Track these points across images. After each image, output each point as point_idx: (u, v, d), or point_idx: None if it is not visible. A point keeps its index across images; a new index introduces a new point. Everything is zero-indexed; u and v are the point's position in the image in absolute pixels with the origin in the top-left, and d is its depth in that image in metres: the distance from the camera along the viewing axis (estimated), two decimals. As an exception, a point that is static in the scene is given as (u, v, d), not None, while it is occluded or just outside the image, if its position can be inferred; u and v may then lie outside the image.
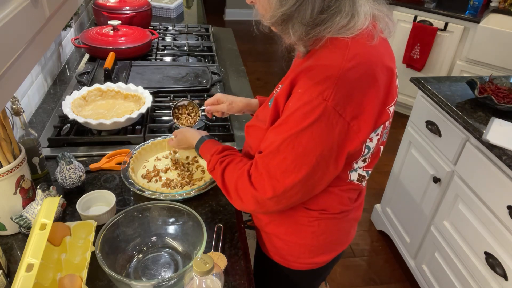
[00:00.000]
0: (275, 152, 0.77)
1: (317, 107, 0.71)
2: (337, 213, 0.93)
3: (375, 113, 0.76)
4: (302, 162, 0.76)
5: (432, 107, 1.76)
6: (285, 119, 0.76)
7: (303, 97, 0.73)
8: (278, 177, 0.78)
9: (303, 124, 0.73)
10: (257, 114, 0.94)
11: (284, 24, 0.74)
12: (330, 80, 0.71)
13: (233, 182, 0.86)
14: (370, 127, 0.76)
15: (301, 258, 0.99)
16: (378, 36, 0.76)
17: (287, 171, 0.77)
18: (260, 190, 0.81)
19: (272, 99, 0.84)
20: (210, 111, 1.19)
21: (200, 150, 1.01)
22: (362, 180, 0.90)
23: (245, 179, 0.83)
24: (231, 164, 0.89)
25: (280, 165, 0.77)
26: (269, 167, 0.79)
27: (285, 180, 0.78)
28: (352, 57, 0.72)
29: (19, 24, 0.52)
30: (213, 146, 0.97)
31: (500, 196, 1.39)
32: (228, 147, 0.96)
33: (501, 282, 1.41)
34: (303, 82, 0.74)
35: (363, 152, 0.81)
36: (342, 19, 0.72)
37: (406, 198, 2.00)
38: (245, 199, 0.84)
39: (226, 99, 1.16)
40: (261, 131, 0.86)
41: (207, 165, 0.95)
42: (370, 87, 0.74)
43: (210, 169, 0.94)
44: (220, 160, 0.91)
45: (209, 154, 0.95)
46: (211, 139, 1.02)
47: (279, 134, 0.77)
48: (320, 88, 0.71)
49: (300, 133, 0.74)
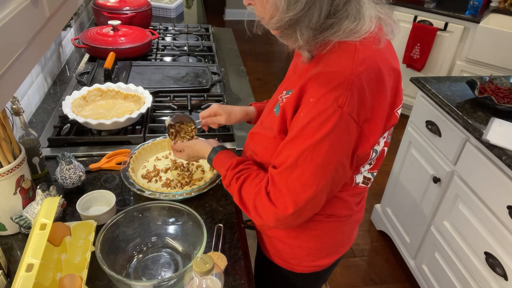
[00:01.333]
0: (293, 166, 0.75)
1: (332, 115, 0.70)
2: (341, 217, 0.93)
3: (384, 116, 0.76)
4: (321, 173, 0.74)
5: (432, 107, 1.76)
6: (300, 131, 0.74)
7: (316, 106, 0.71)
8: (298, 191, 0.76)
9: (320, 134, 0.71)
10: (262, 121, 0.92)
11: (291, 28, 0.73)
12: (343, 86, 0.69)
13: (252, 200, 0.83)
14: (380, 131, 0.76)
15: (304, 261, 0.98)
16: (384, 39, 0.75)
17: (307, 184, 0.75)
18: (280, 207, 0.78)
19: (278, 106, 0.82)
20: (207, 124, 1.13)
21: (213, 162, 0.97)
22: (367, 182, 0.90)
23: (264, 197, 0.80)
24: (248, 180, 0.86)
25: (299, 179, 0.75)
26: (288, 182, 0.76)
27: (305, 193, 0.76)
28: (362, 62, 0.71)
29: (19, 24, 0.52)
30: (228, 160, 0.93)
31: (500, 196, 1.39)
32: (242, 159, 0.92)
33: (501, 282, 1.41)
34: (315, 90, 0.72)
35: (371, 156, 0.81)
36: (350, 23, 0.71)
37: (406, 198, 2.00)
38: (265, 217, 0.82)
39: (223, 111, 1.10)
40: (267, 139, 0.85)
41: (222, 180, 0.92)
42: (379, 91, 0.73)
43: (226, 184, 0.91)
44: (236, 177, 0.88)
45: (224, 169, 0.91)
46: (223, 150, 0.98)
47: (295, 147, 0.75)
48: (334, 95, 0.69)
49: (318, 143, 0.72)
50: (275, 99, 0.88)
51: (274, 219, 0.80)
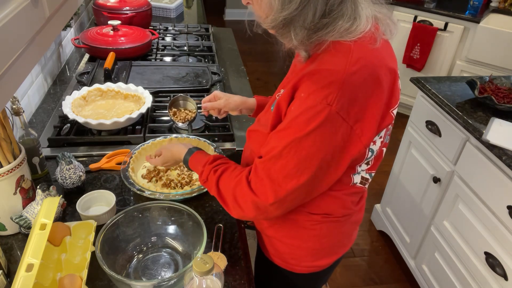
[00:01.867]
0: (277, 156, 0.76)
1: (321, 112, 0.70)
2: (340, 217, 0.93)
3: (378, 116, 0.75)
4: (304, 167, 0.75)
5: (432, 107, 1.76)
6: (288, 123, 0.75)
7: (306, 101, 0.72)
8: (280, 182, 0.77)
9: (307, 129, 0.72)
10: (259, 119, 0.93)
11: (285, 28, 0.73)
12: (334, 85, 0.70)
13: (230, 190, 0.84)
14: (373, 131, 0.76)
15: (304, 261, 0.98)
16: (380, 39, 0.75)
17: (289, 176, 0.76)
18: (261, 196, 0.79)
19: (274, 103, 0.83)
20: (207, 108, 1.18)
21: (189, 162, 0.96)
22: (365, 182, 0.90)
23: (244, 186, 0.81)
24: (226, 172, 0.87)
25: (282, 170, 0.76)
26: (271, 172, 0.77)
27: (287, 185, 0.77)
28: (356, 61, 0.71)
29: (19, 24, 0.52)
30: (204, 157, 0.94)
31: (500, 196, 1.39)
32: (219, 156, 0.93)
33: (501, 282, 1.41)
34: (306, 86, 0.73)
35: (367, 156, 0.81)
36: (344, 23, 0.72)
37: (406, 198, 2.00)
38: (244, 206, 0.82)
39: (223, 95, 1.16)
40: (262, 136, 0.85)
41: (199, 177, 0.92)
42: (374, 91, 0.73)
43: (203, 180, 0.91)
44: (213, 170, 0.88)
45: (200, 165, 0.92)
46: (200, 150, 0.98)
47: (282, 138, 0.76)
48: (324, 93, 0.70)
49: (304, 137, 0.73)
50: (273, 98, 0.89)
51: (254, 208, 0.81)
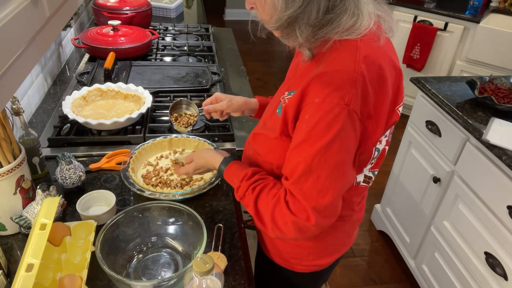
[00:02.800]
0: (306, 173, 0.73)
1: (340, 113, 0.69)
2: (342, 216, 0.93)
3: (386, 113, 0.76)
4: (336, 175, 0.73)
5: (432, 107, 1.76)
6: (307, 133, 0.72)
7: (322, 106, 0.69)
8: (315, 198, 0.74)
9: (330, 135, 0.69)
10: (265, 122, 0.90)
11: (290, 27, 0.73)
12: (347, 84, 0.69)
13: (269, 211, 0.79)
14: (382, 128, 0.76)
15: (304, 260, 0.98)
16: (383, 37, 0.75)
17: (324, 189, 0.73)
18: (301, 216, 0.75)
19: (281, 107, 0.81)
20: (209, 111, 1.15)
21: (225, 173, 0.93)
22: (368, 181, 0.89)
23: (283, 207, 0.77)
24: (264, 191, 0.82)
25: (315, 186, 0.73)
26: (303, 191, 0.74)
27: (324, 199, 0.74)
28: (364, 59, 0.71)
29: (19, 24, 0.52)
30: (241, 170, 0.88)
31: (500, 196, 1.39)
32: (257, 170, 0.88)
33: (501, 282, 1.41)
34: (319, 90, 0.71)
35: (373, 155, 0.81)
36: (348, 18, 0.71)
37: (406, 198, 2.00)
38: (284, 228, 0.78)
39: (225, 97, 1.13)
40: (269, 140, 0.84)
41: (235, 192, 0.88)
42: (381, 88, 0.73)
43: (239, 196, 0.86)
44: (251, 187, 0.84)
45: (237, 180, 0.87)
46: (235, 160, 0.94)
47: (305, 152, 0.72)
48: (339, 94, 0.69)
49: (329, 145, 0.70)
50: (277, 99, 0.87)
51: (295, 230, 0.77)
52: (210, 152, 1.00)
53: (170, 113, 1.24)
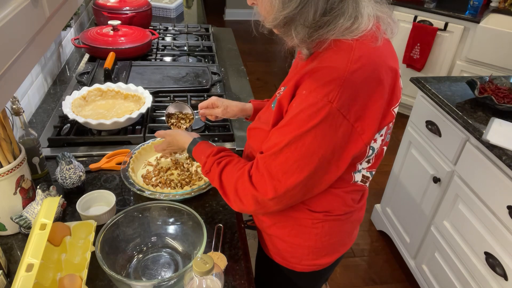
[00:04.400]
0: (277, 153, 0.77)
1: (322, 109, 0.71)
2: (341, 215, 0.93)
3: (379, 114, 0.76)
4: (304, 163, 0.76)
5: (432, 107, 1.76)
6: (289, 120, 0.75)
7: (308, 98, 0.72)
8: (279, 178, 0.78)
9: (308, 126, 0.72)
10: (259, 116, 0.93)
11: (287, 27, 0.74)
12: (336, 82, 0.70)
13: (232, 183, 0.85)
14: (374, 129, 0.76)
15: (305, 260, 0.98)
16: (382, 38, 0.76)
17: (289, 172, 0.77)
18: (261, 191, 0.80)
19: (275, 101, 0.83)
20: (205, 115, 1.17)
21: (193, 152, 0.98)
22: (366, 181, 0.90)
23: (246, 180, 0.82)
24: (229, 165, 0.88)
25: (282, 166, 0.77)
26: (271, 167, 0.78)
27: (286, 181, 0.77)
28: (357, 59, 0.71)
29: (19, 24, 0.52)
30: (208, 148, 0.95)
31: (500, 196, 1.39)
32: (223, 148, 0.94)
33: (501, 282, 1.41)
34: (308, 83, 0.74)
35: (368, 153, 0.81)
36: (345, 21, 0.72)
37: (406, 198, 2.00)
38: (244, 200, 0.83)
39: (221, 104, 1.14)
40: (263, 133, 0.86)
41: (202, 167, 0.93)
42: (375, 89, 0.73)
43: (205, 171, 0.92)
44: (217, 161, 0.89)
45: (204, 156, 0.93)
46: (204, 141, 1.00)
47: (283, 135, 0.76)
48: (326, 90, 0.70)
49: (304, 134, 0.73)
50: (274, 96, 0.90)
51: (254, 202, 0.82)
52: (182, 133, 1.05)
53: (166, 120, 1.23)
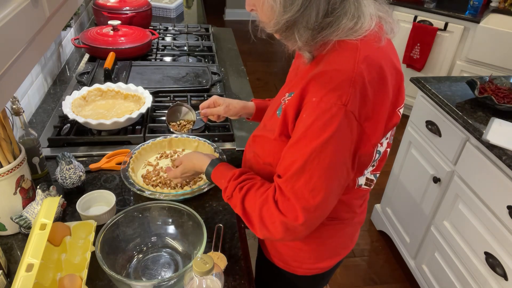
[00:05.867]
0: (299, 172, 0.72)
1: (337, 113, 0.68)
2: (344, 219, 0.93)
3: (386, 115, 0.75)
4: (329, 176, 0.72)
5: (432, 107, 1.76)
6: (303, 132, 0.71)
7: (320, 105, 0.69)
8: (307, 198, 0.73)
9: (326, 135, 0.69)
10: (265, 124, 0.90)
11: (289, 30, 0.72)
12: (346, 84, 0.68)
13: (257, 210, 0.79)
14: (381, 130, 0.75)
15: (306, 263, 0.98)
16: (385, 38, 0.75)
17: (316, 189, 0.72)
18: (290, 216, 0.74)
19: (281, 108, 0.80)
20: (206, 114, 1.14)
21: (212, 175, 0.92)
22: (370, 184, 0.88)
23: (271, 206, 0.76)
24: (252, 190, 0.82)
25: (307, 185, 0.72)
26: (295, 189, 0.73)
27: (315, 199, 0.73)
28: (363, 59, 0.70)
29: (19, 24, 0.52)
30: (228, 171, 0.88)
31: (500, 196, 1.39)
32: (245, 170, 0.88)
33: (501, 282, 1.41)
34: (317, 89, 0.70)
35: (374, 157, 0.80)
36: (348, 21, 0.71)
37: (406, 198, 2.00)
38: (272, 228, 0.77)
39: (222, 102, 1.11)
40: (268, 141, 0.84)
41: (223, 193, 0.87)
42: (381, 89, 0.72)
43: (227, 196, 0.86)
44: (238, 187, 0.83)
45: (225, 180, 0.87)
46: (223, 163, 0.93)
47: (300, 151, 0.72)
48: (337, 94, 0.68)
49: (324, 145, 0.69)
50: (277, 101, 0.86)
51: (283, 230, 0.76)
52: (199, 155, 0.99)
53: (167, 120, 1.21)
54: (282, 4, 0.69)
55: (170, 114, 1.22)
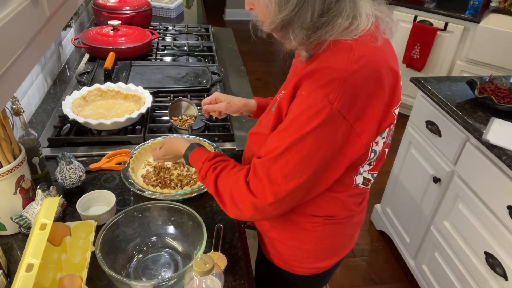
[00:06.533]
0: (277, 157, 0.75)
1: (322, 110, 0.70)
2: (342, 218, 0.93)
3: (379, 115, 0.75)
4: (304, 166, 0.74)
5: (432, 107, 1.76)
6: (289, 123, 0.74)
7: (307, 99, 0.71)
8: (279, 182, 0.76)
9: (308, 128, 0.71)
10: (260, 121, 0.92)
11: (284, 30, 0.73)
12: (336, 83, 0.69)
13: (228, 189, 0.82)
14: (373, 130, 0.75)
15: (305, 263, 0.98)
16: (381, 38, 0.75)
17: (289, 176, 0.75)
18: (259, 197, 0.78)
19: (275, 104, 0.82)
20: (208, 110, 1.17)
21: (189, 158, 0.96)
22: (367, 183, 0.89)
23: (242, 186, 0.80)
24: (225, 170, 0.86)
25: (282, 170, 0.75)
26: (270, 172, 0.76)
27: (287, 185, 0.76)
28: (357, 59, 0.70)
29: (19, 24, 0.52)
30: (204, 153, 0.93)
31: (500, 196, 1.39)
32: (220, 153, 0.92)
33: (501, 282, 1.41)
34: (307, 84, 0.72)
35: (370, 156, 0.80)
36: (343, 21, 0.71)
37: (406, 198, 2.00)
38: (242, 206, 0.81)
39: (224, 98, 1.14)
40: (263, 137, 0.84)
41: (198, 173, 0.91)
42: (375, 90, 0.72)
43: (201, 177, 0.90)
44: (212, 167, 0.87)
45: (200, 161, 0.91)
46: (201, 147, 0.98)
47: (282, 138, 0.75)
48: (326, 91, 0.69)
49: (305, 136, 0.72)
50: (274, 99, 0.88)
51: (252, 208, 0.79)
52: (180, 139, 1.03)
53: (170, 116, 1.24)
54: (277, 3, 0.70)
55: (172, 109, 1.24)
